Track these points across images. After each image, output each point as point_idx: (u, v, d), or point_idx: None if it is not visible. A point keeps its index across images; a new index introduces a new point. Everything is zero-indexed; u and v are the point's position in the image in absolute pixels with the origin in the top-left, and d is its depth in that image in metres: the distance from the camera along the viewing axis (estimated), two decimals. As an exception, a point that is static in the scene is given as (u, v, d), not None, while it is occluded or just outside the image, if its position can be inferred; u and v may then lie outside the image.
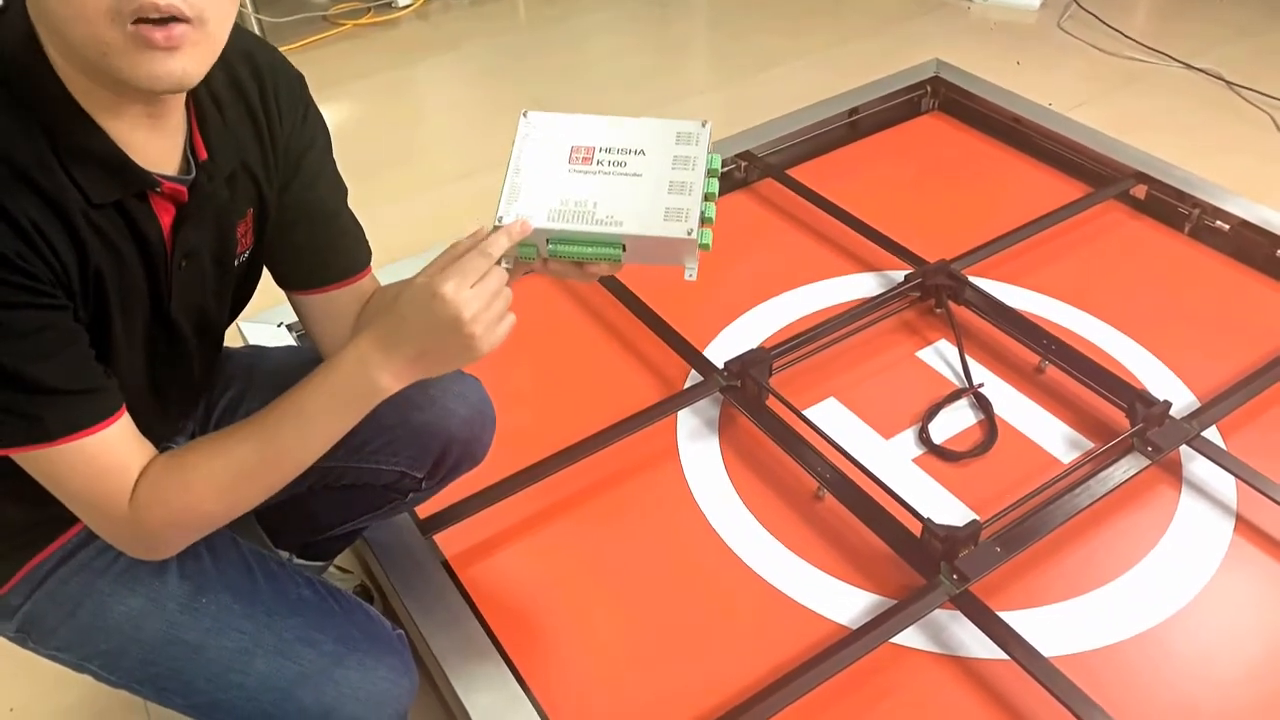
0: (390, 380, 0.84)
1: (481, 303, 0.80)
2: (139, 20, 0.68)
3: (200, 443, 0.86)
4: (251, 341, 1.60)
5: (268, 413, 0.85)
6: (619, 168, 0.86)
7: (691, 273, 0.86)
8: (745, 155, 2.11)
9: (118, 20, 0.67)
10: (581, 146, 0.87)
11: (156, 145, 0.80)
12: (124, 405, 0.81)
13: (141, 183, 0.78)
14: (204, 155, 0.84)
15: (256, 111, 0.89)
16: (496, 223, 0.83)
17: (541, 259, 0.86)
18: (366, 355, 0.83)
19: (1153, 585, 1.32)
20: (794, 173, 2.09)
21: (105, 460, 0.80)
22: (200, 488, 0.84)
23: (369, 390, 0.84)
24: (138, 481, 0.82)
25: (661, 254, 0.85)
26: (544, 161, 0.86)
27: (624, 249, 0.84)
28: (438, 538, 1.38)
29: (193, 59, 0.71)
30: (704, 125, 0.88)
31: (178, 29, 0.69)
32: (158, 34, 0.68)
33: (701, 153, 0.86)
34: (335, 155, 1.00)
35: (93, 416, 0.78)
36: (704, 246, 0.85)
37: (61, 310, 0.75)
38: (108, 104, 0.74)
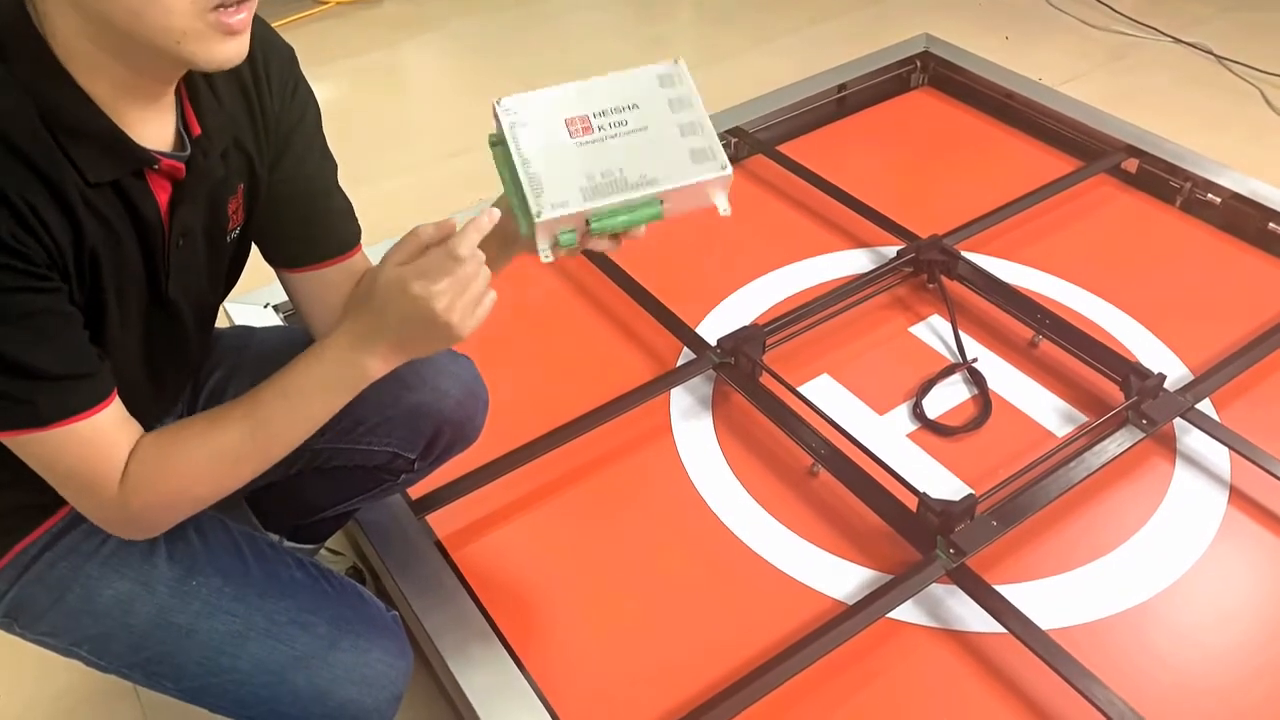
0: (378, 365, 0.85)
1: (453, 293, 0.80)
2: (218, 7, 0.69)
3: (188, 425, 0.86)
4: (238, 322, 1.58)
5: (256, 396, 0.85)
6: (622, 127, 0.84)
7: (724, 208, 0.83)
8: (735, 131, 2.10)
9: (200, 9, 0.68)
10: (575, 118, 0.85)
11: (152, 122, 0.78)
12: (115, 389, 0.81)
13: (139, 160, 0.77)
14: (198, 131, 0.82)
15: (247, 86, 0.87)
16: (535, 217, 0.80)
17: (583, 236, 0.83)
18: (352, 341, 0.84)
19: (1148, 557, 1.32)
20: (785, 149, 2.07)
21: (97, 444, 0.80)
22: (188, 470, 0.84)
23: (357, 375, 0.85)
24: (128, 464, 0.82)
25: (698, 198, 0.83)
26: (547, 144, 0.83)
27: (662, 204, 0.82)
28: (430, 518, 1.37)
29: (248, 36, 0.73)
30: (676, 63, 0.87)
31: (245, 11, 0.71)
32: (237, 21, 0.70)
33: (690, 89, 0.85)
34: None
35: (85, 401, 0.78)
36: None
37: (56, 293, 0.74)
38: (109, 81, 0.73)
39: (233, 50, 0.72)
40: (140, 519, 0.85)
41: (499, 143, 0.84)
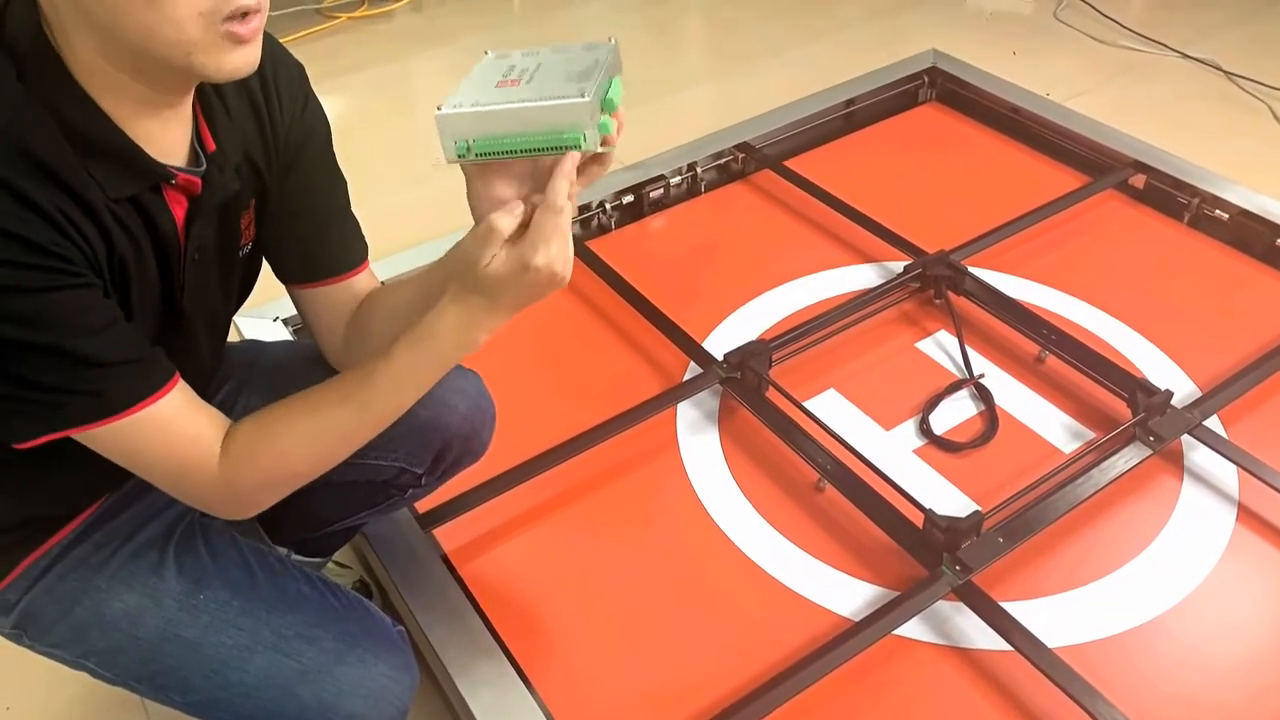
0: (485, 338, 0.85)
1: (566, 250, 0.81)
2: (228, 18, 0.69)
3: (290, 405, 0.88)
4: (247, 334, 1.59)
5: (360, 377, 0.87)
6: (536, 70, 0.86)
7: (593, 143, 0.82)
8: (742, 146, 2.10)
9: (211, 21, 0.69)
10: (506, 81, 0.86)
11: (167, 137, 0.79)
12: (178, 371, 0.82)
13: (156, 176, 0.78)
14: (212, 146, 0.84)
15: (258, 101, 0.88)
16: (436, 109, 0.81)
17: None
18: (464, 325, 0.83)
19: (1155, 575, 1.32)
20: (792, 164, 2.08)
21: (177, 425, 0.81)
22: (293, 450, 0.86)
23: (466, 352, 0.86)
24: (226, 443, 0.84)
25: (560, 125, 0.81)
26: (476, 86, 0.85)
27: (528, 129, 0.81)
28: (437, 532, 1.37)
29: (259, 45, 0.74)
30: (610, 40, 0.88)
31: (255, 20, 0.71)
32: (245, 30, 0.71)
33: (606, 55, 0.86)
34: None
35: (151, 384, 0.79)
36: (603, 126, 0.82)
37: (97, 288, 0.76)
38: (123, 97, 0.74)
39: (242, 59, 0.73)
40: (242, 497, 0.87)
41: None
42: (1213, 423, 1.48)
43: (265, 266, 1.01)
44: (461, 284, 0.82)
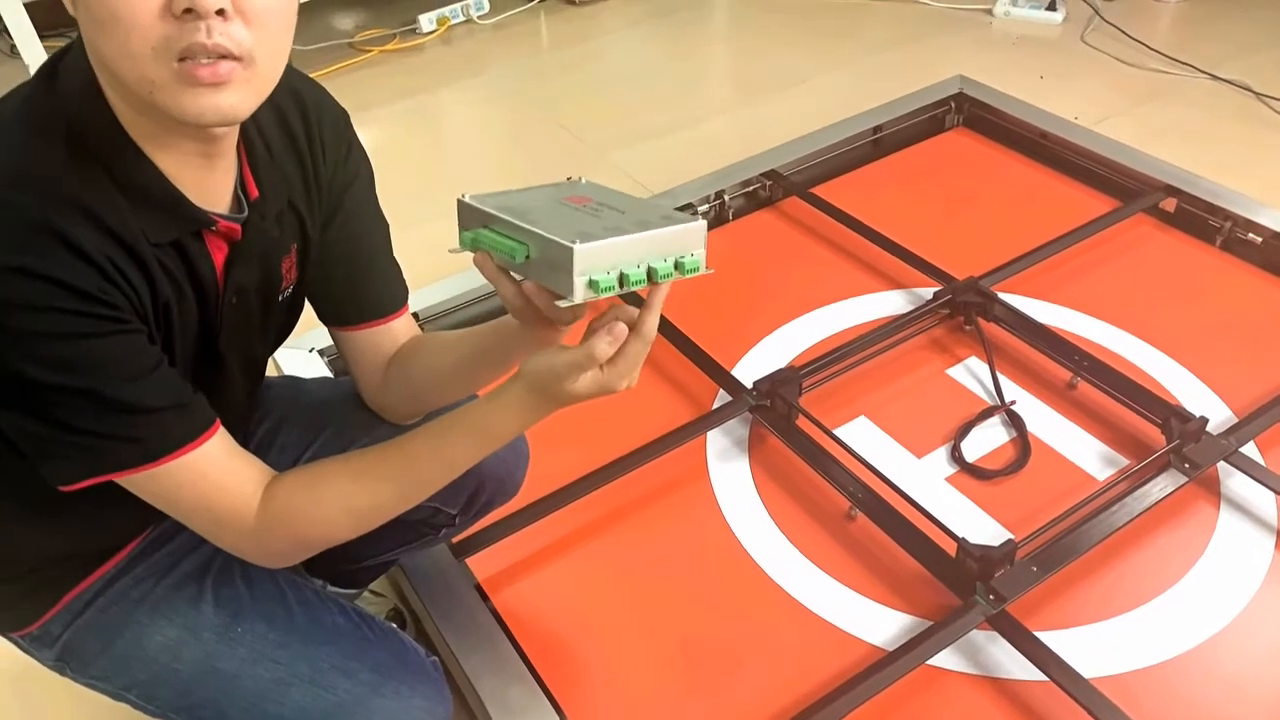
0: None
1: (639, 370, 0.81)
2: (184, 58, 0.68)
3: (335, 469, 0.88)
4: (284, 366, 1.62)
5: (411, 458, 0.87)
6: (603, 210, 0.81)
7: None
8: (770, 174, 2.12)
9: (163, 58, 0.68)
10: (580, 196, 0.84)
11: (210, 184, 0.81)
12: (218, 419, 0.83)
13: (198, 222, 0.80)
14: (255, 194, 0.85)
15: (301, 148, 0.90)
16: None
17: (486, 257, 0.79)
18: (531, 419, 0.84)
19: (1193, 604, 1.30)
20: (819, 191, 2.09)
21: (213, 474, 0.82)
22: (332, 518, 0.87)
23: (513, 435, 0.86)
24: (265, 500, 0.84)
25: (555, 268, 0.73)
26: (540, 205, 0.82)
27: (529, 250, 0.75)
28: (470, 561, 1.38)
29: (240, 95, 0.72)
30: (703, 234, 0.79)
31: (225, 66, 0.70)
32: (203, 71, 0.69)
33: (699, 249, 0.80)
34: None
35: (190, 431, 0.80)
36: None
37: (142, 334, 0.77)
38: (163, 143, 0.76)
39: (207, 103, 0.70)
40: (274, 553, 0.89)
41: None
42: (1249, 449, 1.46)
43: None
44: (539, 394, 0.81)
